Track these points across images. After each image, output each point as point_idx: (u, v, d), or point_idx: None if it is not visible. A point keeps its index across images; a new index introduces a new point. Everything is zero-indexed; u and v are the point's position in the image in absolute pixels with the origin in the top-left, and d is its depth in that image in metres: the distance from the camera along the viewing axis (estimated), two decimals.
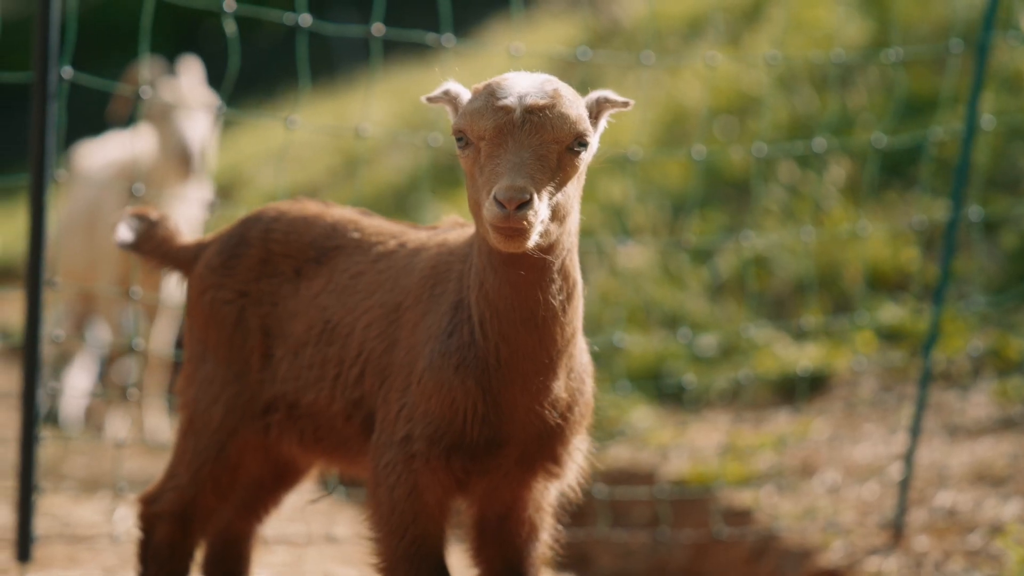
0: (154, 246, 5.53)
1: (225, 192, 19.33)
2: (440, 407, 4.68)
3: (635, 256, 11.54)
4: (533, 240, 4.17)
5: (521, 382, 4.61)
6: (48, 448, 9.94)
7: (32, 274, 6.42)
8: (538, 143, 4.22)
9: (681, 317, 10.27)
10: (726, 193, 12.04)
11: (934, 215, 10.08)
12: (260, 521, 5.66)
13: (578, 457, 4.92)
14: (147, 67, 10.44)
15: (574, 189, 4.36)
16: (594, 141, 4.48)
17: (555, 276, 4.47)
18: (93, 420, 11.95)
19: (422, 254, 4.98)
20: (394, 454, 4.75)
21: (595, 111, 4.53)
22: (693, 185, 11.70)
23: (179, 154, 10.63)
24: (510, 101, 4.26)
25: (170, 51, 15.24)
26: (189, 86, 11.02)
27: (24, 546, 6.49)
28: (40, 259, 6.42)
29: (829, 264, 10.60)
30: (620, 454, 9.24)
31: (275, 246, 5.25)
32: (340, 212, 5.32)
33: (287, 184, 17.98)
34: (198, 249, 5.45)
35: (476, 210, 4.33)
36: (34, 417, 6.43)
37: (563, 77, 7.28)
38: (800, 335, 9.95)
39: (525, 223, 4.10)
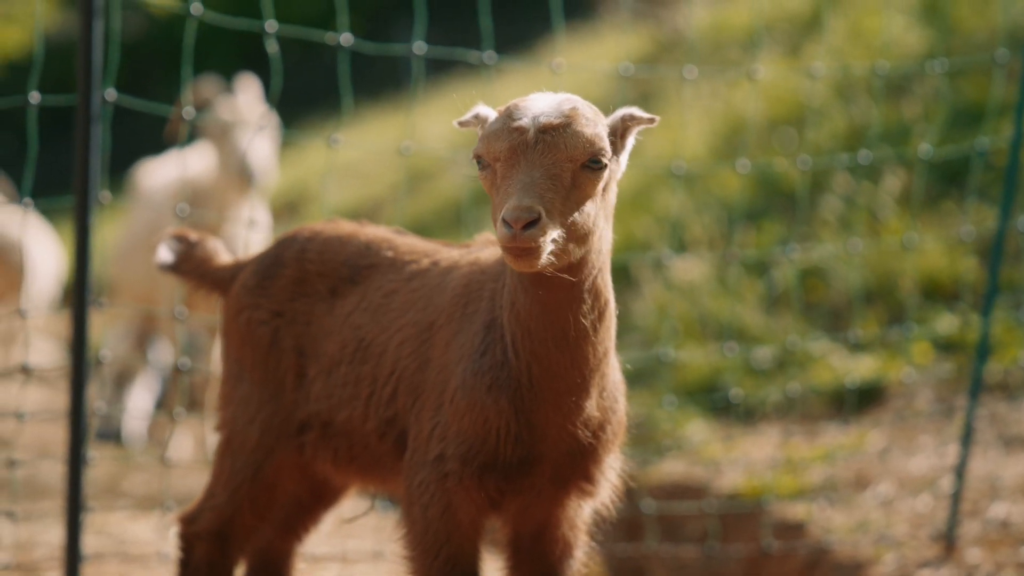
0: (193, 267, 5.57)
1: (291, 208, 19.47)
2: (473, 426, 4.68)
3: (691, 268, 11.51)
4: (544, 259, 4.13)
5: (553, 401, 4.61)
6: (107, 466, 10.03)
7: (78, 294, 6.47)
8: (551, 162, 4.19)
9: (737, 329, 10.22)
10: (783, 204, 11.99)
11: (989, 224, 9.99)
12: (299, 540, 5.68)
13: (611, 475, 4.90)
14: (192, 89, 10.55)
15: (594, 207, 4.29)
16: (622, 159, 4.46)
17: (585, 296, 4.45)
18: (155, 438, 12.06)
19: (454, 273, 4.98)
20: (427, 473, 4.76)
21: (620, 129, 4.46)
22: (748, 197, 11.65)
23: (239, 171, 10.75)
24: (524, 122, 4.23)
25: (235, 68, 15.37)
26: (247, 103, 11.12)
27: (72, 565, 6.53)
28: (86, 279, 6.47)
29: (885, 274, 10.53)
30: (675, 468, 9.23)
31: (310, 266, 5.27)
32: (374, 231, 5.33)
33: (353, 199, 18.10)
34: (235, 270, 5.48)
35: None
36: (81, 436, 6.48)
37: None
38: (856, 347, 9.88)
39: (533, 243, 4.07)
